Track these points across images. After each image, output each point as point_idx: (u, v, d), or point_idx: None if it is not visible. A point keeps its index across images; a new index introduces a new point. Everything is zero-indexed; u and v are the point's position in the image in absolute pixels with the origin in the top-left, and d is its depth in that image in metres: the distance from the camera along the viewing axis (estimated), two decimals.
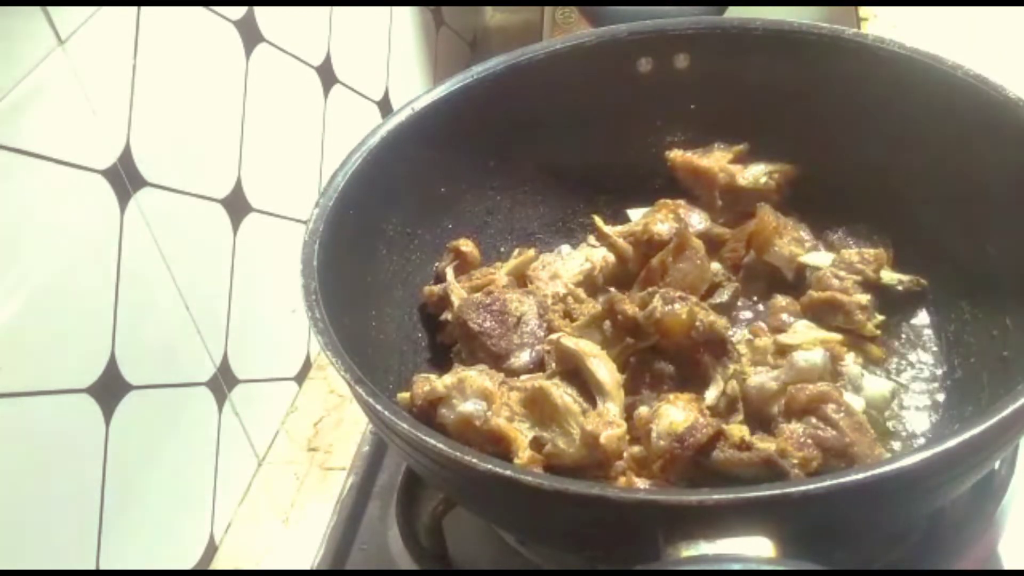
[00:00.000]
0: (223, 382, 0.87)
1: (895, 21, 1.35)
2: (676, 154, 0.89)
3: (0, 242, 0.63)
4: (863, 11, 1.36)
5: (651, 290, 0.73)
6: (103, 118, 0.71)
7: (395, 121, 0.80)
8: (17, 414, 0.64)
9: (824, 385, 0.67)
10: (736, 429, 0.63)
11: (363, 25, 1.12)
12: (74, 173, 0.69)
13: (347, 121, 1.08)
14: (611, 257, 0.85)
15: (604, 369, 0.68)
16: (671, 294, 0.71)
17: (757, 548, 0.48)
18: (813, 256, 0.82)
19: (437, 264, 0.84)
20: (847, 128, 0.83)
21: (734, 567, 0.47)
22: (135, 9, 0.74)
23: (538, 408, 0.67)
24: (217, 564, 0.86)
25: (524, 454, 0.64)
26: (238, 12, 0.87)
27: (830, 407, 0.65)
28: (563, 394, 0.66)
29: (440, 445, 0.55)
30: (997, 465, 0.73)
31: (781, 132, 0.86)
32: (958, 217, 0.77)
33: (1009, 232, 0.72)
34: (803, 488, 0.50)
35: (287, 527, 0.89)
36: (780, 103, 0.85)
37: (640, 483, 0.63)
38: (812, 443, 0.64)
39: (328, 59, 1.04)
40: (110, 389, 0.72)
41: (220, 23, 0.85)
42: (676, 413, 0.64)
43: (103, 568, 0.72)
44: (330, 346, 0.62)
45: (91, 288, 0.71)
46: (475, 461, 0.54)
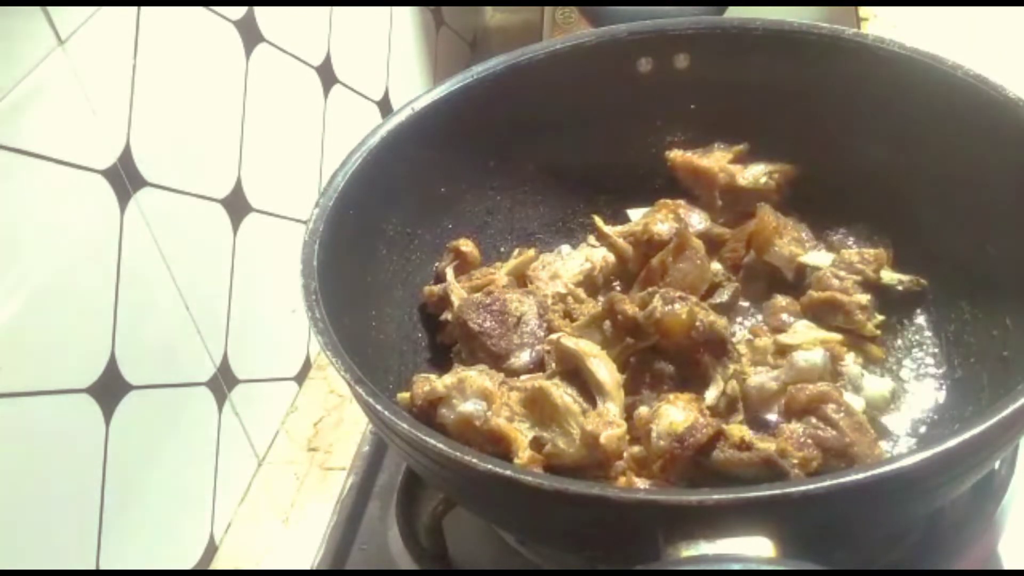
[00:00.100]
0: (223, 382, 0.87)
1: (895, 21, 1.35)
2: (676, 154, 0.89)
3: (0, 242, 0.63)
4: (863, 11, 1.36)
5: (651, 290, 0.73)
6: (103, 118, 0.71)
7: (395, 121, 0.80)
8: (17, 414, 0.64)
9: (824, 385, 0.67)
10: (736, 429, 0.63)
11: (363, 25, 1.12)
12: (74, 173, 0.69)
13: (347, 121, 1.08)
14: (611, 257, 0.85)
15: (604, 369, 0.68)
16: (671, 294, 0.71)
17: (757, 548, 0.48)
18: (813, 256, 0.82)
19: (437, 264, 0.84)
20: (847, 128, 0.83)
21: (734, 567, 0.47)
22: (135, 9, 0.74)
23: (538, 408, 0.67)
24: (217, 564, 0.86)
25: (524, 454, 0.64)
26: (238, 12, 0.87)
27: (830, 407, 0.65)
28: (563, 394, 0.66)
29: (440, 445, 0.55)
30: (997, 465, 0.73)
31: (781, 132, 0.86)
32: (958, 217, 0.77)
33: (1009, 232, 0.72)
34: (803, 488, 0.50)
35: (287, 527, 0.89)
36: (780, 103, 0.85)
37: (640, 483, 0.63)
38: (812, 443, 0.64)
39: (328, 59, 1.04)
40: (110, 389, 0.72)
41: (220, 23, 0.85)
42: (676, 413, 0.64)
43: (103, 568, 0.72)
44: (330, 346, 0.62)
45: (91, 288, 0.71)
46: (475, 461, 0.54)
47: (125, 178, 0.73)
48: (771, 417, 0.68)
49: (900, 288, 0.80)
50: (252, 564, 0.86)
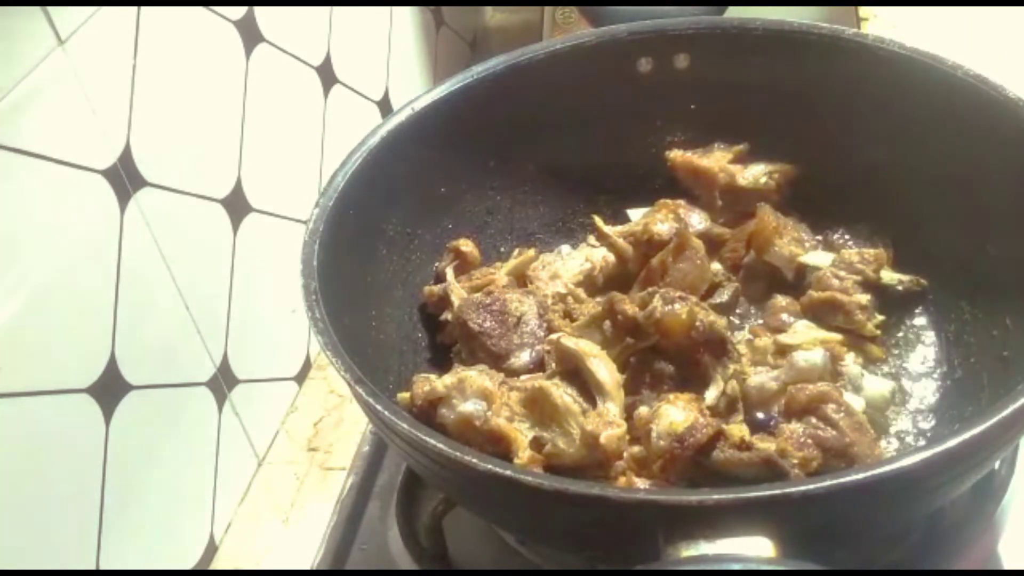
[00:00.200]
0: (223, 382, 0.87)
1: (895, 21, 1.35)
2: (676, 154, 0.89)
3: (0, 242, 0.63)
4: (863, 11, 1.36)
5: (651, 290, 0.73)
6: (103, 118, 0.71)
7: (395, 121, 0.80)
8: (17, 414, 0.64)
9: (824, 385, 0.67)
10: (736, 429, 0.63)
11: (363, 25, 1.12)
12: (74, 173, 0.69)
13: (347, 121, 1.08)
14: (611, 257, 0.85)
15: (604, 369, 0.68)
16: (671, 294, 0.70)
17: (757, 548, 0.48)
18: (813, 256, 0.82)
19: (437, 264, 0.84)
20: (847, 128, 0.83)
21: (734, 567, 0.47)
22: (135, 9, 0.74)
23: (538, 408, 0.67)
24: (217, 564, 0.86)
25: (524, 454, 0.64)
26: (238, 12, 0.87)
27: (830, 407, 0.65)
28: (563, 394, 0.66)
29: (440, 445, 0.55)
30: (997, 465, 0.73)
31: (781, 132, 0.86)
32: (958, 217, 0.77)
33: (1009, 232, 0.72)
34: (803, 488, 0.50)
35: (287, 527, 0.89)
36: (780, 103, 0.85)
37: (640, 483, 0.63)
38: (812, 443, 0.64)
39: (328, 59, 1.04)
40: (110, 389, 0.72)
41: (220, 23, 0.85)
42: (676, 413, 0.64)
43: (103, 568, 0.72)
44: (330, 346, 0.62)
45: (91, 288, 0.71)
46: (475, 461, 0.54)
47: (125, 178, 0.73)
48: (771, 417, 0.68)
49: (900, 288, 0.80)
50: (252, 564, 0.86)
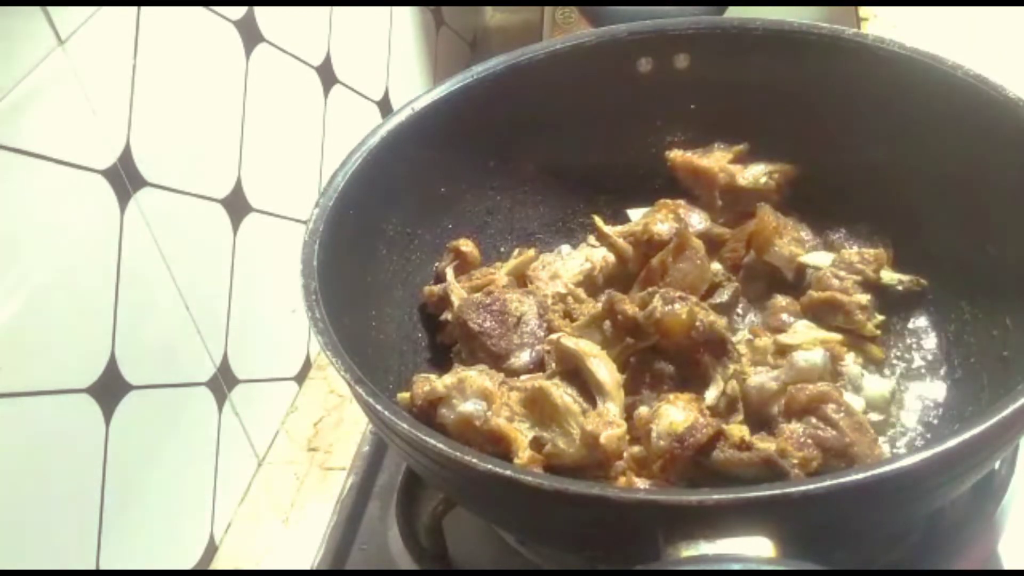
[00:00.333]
0: (223, 382, 0.87)
1: (895, 21, 1.35)
2: (676, 154, 0.89)
3: (0, 242, 0.63)
4: (863, 11, 1.36)
5: (651, 290, 0.73)
6: (103, 118, 0.71)
7: (395, 121, 0.80)
8: (17, 414, 0.64)
9: (824, 385, 0.67)
10: (736, 429, 0.63)
11: (363, 25, 1.12)
12: (74, 173, 0.69)
13: (347, 121, 1.08)
14: (611, 257, 0.85)
15: (604, 369, 0.68)
16: (671, 294, 0.70)
17: (757, 548, 0.48)
18: (813, 256, 0.82)
19: (437, 264, 0.84)
20: (847, 128, 0.83)
21: (734, 567, 0.47)
22: (135, 9, 0.74)
23: (538, 408, 0.67)
24: (217, 564, 0.86)
25: (524, 454, 0.64)
26: (238, 12, 0.87)
27: (830, 407, 0.65)
28: (563, 394, 0.66)
29: (440, 445, 0.55)
30: (997, 465, 0.73)
31: (781, 132, 0.86)
32: (958, 217, 0.77)
33: (1009, 232, 0.72)
34: (803, 488, 0.50)
35: (287, 527, 0.89)
36: (780, 103, 0.85)
37: (640, 483, 0.63)
38: (812, 443, 0.64)
39: (328, 59, 1.04)
40: (110, 389, 0.72)
41: (220, 23, 0.85)
42: (676, 413, 0.64)
43: (103, 568, 0.72)
44: (330, 346, 0.62)
45: (91, 288, 0.71)
46: (475, 461, 0.54)
47: (125, 178, 0.73)
48: (771, 417, 0.68)
49: (900, 288, 0.80)
50: (252, 564, 0.86)
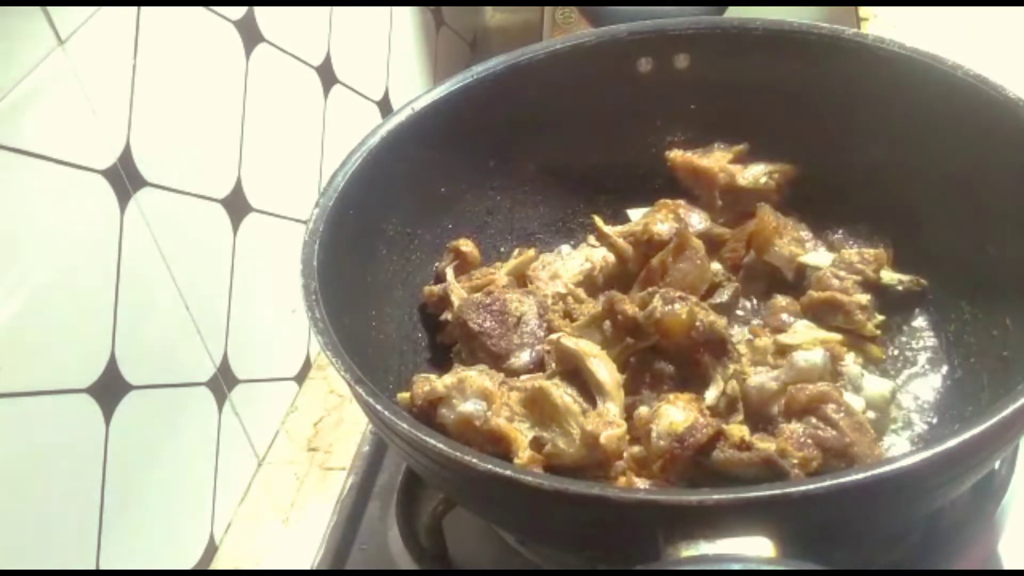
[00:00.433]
0: (223, 382, 0.87)
1: (895, 21, 1.35)
2: (676, 154, 0.89)
3: (0, 242, 0.63)
4: (863, 11, 1.36)
5: (651, 290, 0.73)
6: (103, 118, 0.71)
7: (395, 121, 0.80)
8: (17, 414, 0.64)
9: (824, 385, 0.67)
10: (736, 429, 0.63)
11: (363, 25, 1.12)
12: (74, 173, 0.69)
13: (347, 121, 1.08)
14: (611, 257, 0.85)
15: (604, 369, 0.68)
16: (671, 294, 0.70)
17: (757, 548, 0.48)
18: (813, 256, 0.82)
19: (437, 264, 0.84)
20: (847, 128, 0.83)
21: (734, 567, 0.47)
22: (135, 9, 0.74)
23: (538, 408, 0.67)
24: (217, 564, 0.86)
25: (524, 454, 0.64)
26: (238, 12, 0.87)
27: (830, 407, 0.65)
28: (563, 394, 0.66)
29: (440, 445, 0.55)
30: (997, 465, 0.73)
31: (781, 132, 0.86)
32: (958, 217, 0.77)
33: (1009, 232, 0.72)
34: (803, 488, 0.50)
35: (287, 527, 0.89)
36: (780, 103, 0.85)
37: (640, 483, 0.63)
38: (812, 443, 0.64)
39: (328, 59, 1.04)
40: (110, 389, 0.72)
41: (220, 23, 0.85)
42: (676, 413, 0.64)
43: (103, 568, 0.72)
44: (330, 346, 0.62)
45: (91, 288, 0.71)
46: (475, 461, 0.54)
47: (125, 178, 0.73)
48: (771, 417, 0.68)
49: (900, 288, 0.80)
50: (252, 564, 0.86)
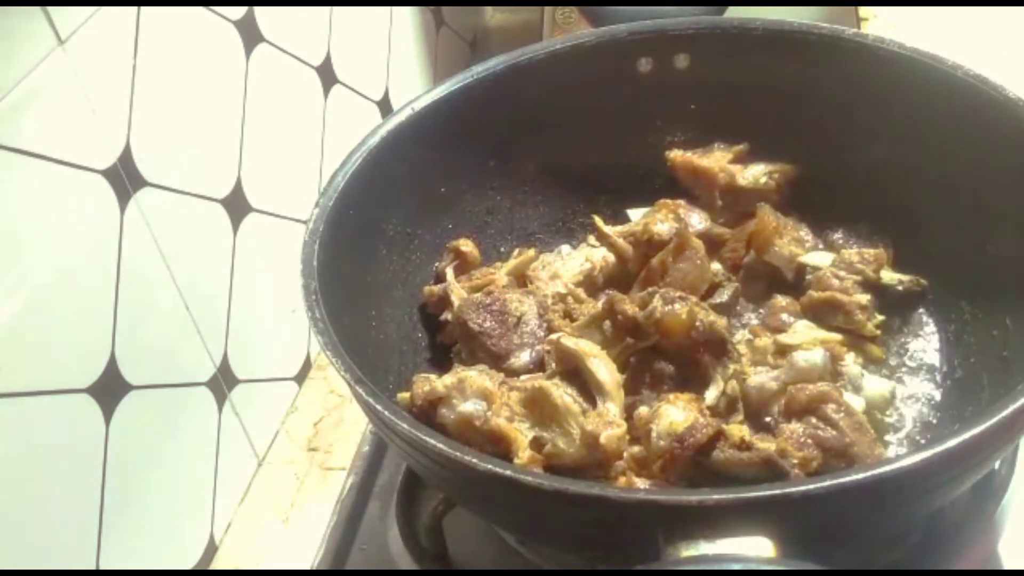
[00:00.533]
0: (223, 382, 0.87)
1: (895, 21, 1.35)
2: (676, 154, 0.89)
3: (0, 242, 0.63)
4: (863, 11, 1.36)
5: (651, 290, 0.73)
6: (103, 118, 0.71)
7: (395, 121, 0.80)
8: (17, 414, 0.64)
9: (824, 385, 0.67)
10: (736, 429, 0.63)
11: (363, 25, 1.12)
12: (74, 173, 0.69)
13: (347, 121, 1.08)
14: (611, 257, 0.85)
15: (604, 369, 0.68)
16: (671, 294, 0.71)
17: (757, 548, 0.48)
18: (813, 256, 0.82)
19: (437, 264, 0.84)
20: (847, 128, 0.83)
21: (734, 567, 0.47)
22: (135, 9, 0.74)
23: (538, 408, 0.67)
24: (217, 564, 0.86)
25: (524, 454, 0.64)
26: (238, 12, 0.87)
27: (830, 407, 0.65)
28: (563, 394, 0.66)
29: (440, 445, 0.55)
30: (997, 465, 0.73)
31: (781, 132, 0.86)
32: (958, 217, 0.77)
33: (1009, 232, 0.72)
34: (803, 488, 0.50)
35: (287, 527, 0.89)
36: (780, 103, 0.85)
37: (640, 483, 0.63)
38: (812, 443, 0.64)
39: (328, 59, 1.04)
40: (110, 389, 0.72)
41: (220, 23, 0.85)
42: (676, 413, 0.64)
43: (103, 568, 0.72)
44: (330, 346, 0.62)
45: (91, 288, 0.71)
46: (475, 461, 0.54)
47: (125, 178, 0.73)
48: (771, 417, 0.68)
49: (900, 288, 0.80)
50: (252, 564, 0.86)
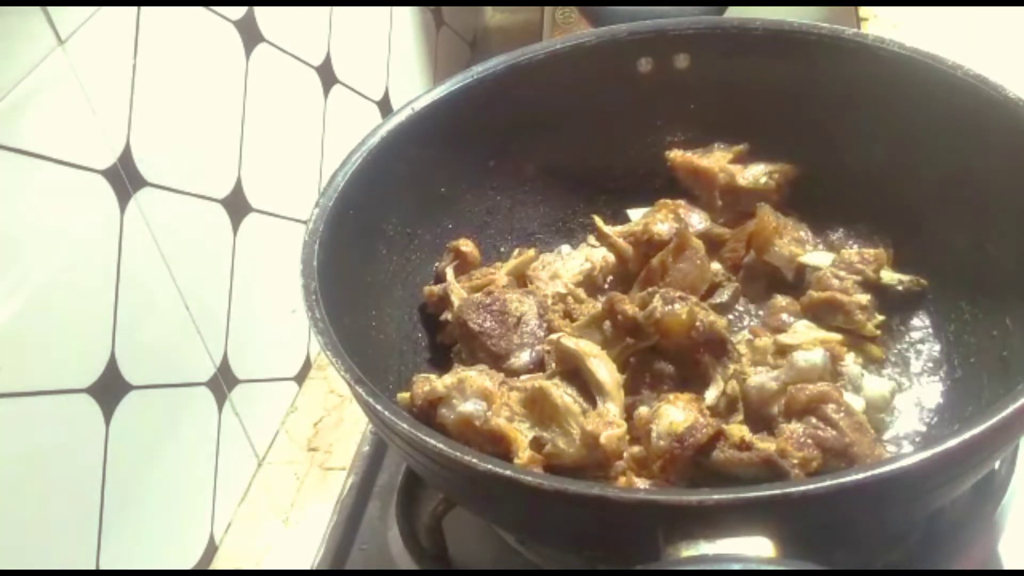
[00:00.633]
0: (223, 382, 0.87)
1: (895, 21, 1.35)
2: (676, 154, 0.89)
3: (0, 242, 0.63)
4: (863, 11, 1.37)
5: (651, 290, 0.73)
6: (103, 118, 0.71)
7: (395, 121, 0.80)
8: (17, 414, 0.64)
9: (824, 385, 0.67)
10: (736, 429, 0.63)
11: (363, 25, 1.12)
12: (74, 173, 0.69)
13: (347, 121, 1.08)
14: (611, 257, 0.85)
15: (604, 369, 0.68)
16: (671, 294, 0.71)
17: (757, 548, 0.48)
18: (813, 256, 0.82)
19: (437, 264, 0.84)
20: (847, 128, 0.83)
21: (734, 567, 0.47)
22: (135, 9, 0.74)
23: (538, 408, 0.67)
24: (217, 564, 0.86)
25: (524, 454, 0.64)
26: (238, 12, 0.87)
27: (830, 407, 0.65)
28: (563, 394, 0.66)
29: (440, 445, 0.55)
30: (997, 465, 0.73)
31: (781, 132, 0.86)
32: (958, 217, 0.77)
33: (1009, 232, 0.72)
34: (803, 488, 0.50)
35: (287, 527, 0.89)
36: (780, 103, 0.85)
37: (640, 483, 0.63)
38: (812, 443, 0.64)
39: (328, 59, 1.04)
40: (110, 389, 0.72)
41: (220, 23, 0.85)
42: (676, 413, 0.64)
43: (103, 568, 0.72)
44: (330, 346, 0.62)
45: (91, 288, 0.71)
46: (475, 461, 0.54)
47: (125, 178, 0.73)
48: (771, 417, 0.68)
49: (900, 288, 0.80)
50: (252, 564, 0.86)
